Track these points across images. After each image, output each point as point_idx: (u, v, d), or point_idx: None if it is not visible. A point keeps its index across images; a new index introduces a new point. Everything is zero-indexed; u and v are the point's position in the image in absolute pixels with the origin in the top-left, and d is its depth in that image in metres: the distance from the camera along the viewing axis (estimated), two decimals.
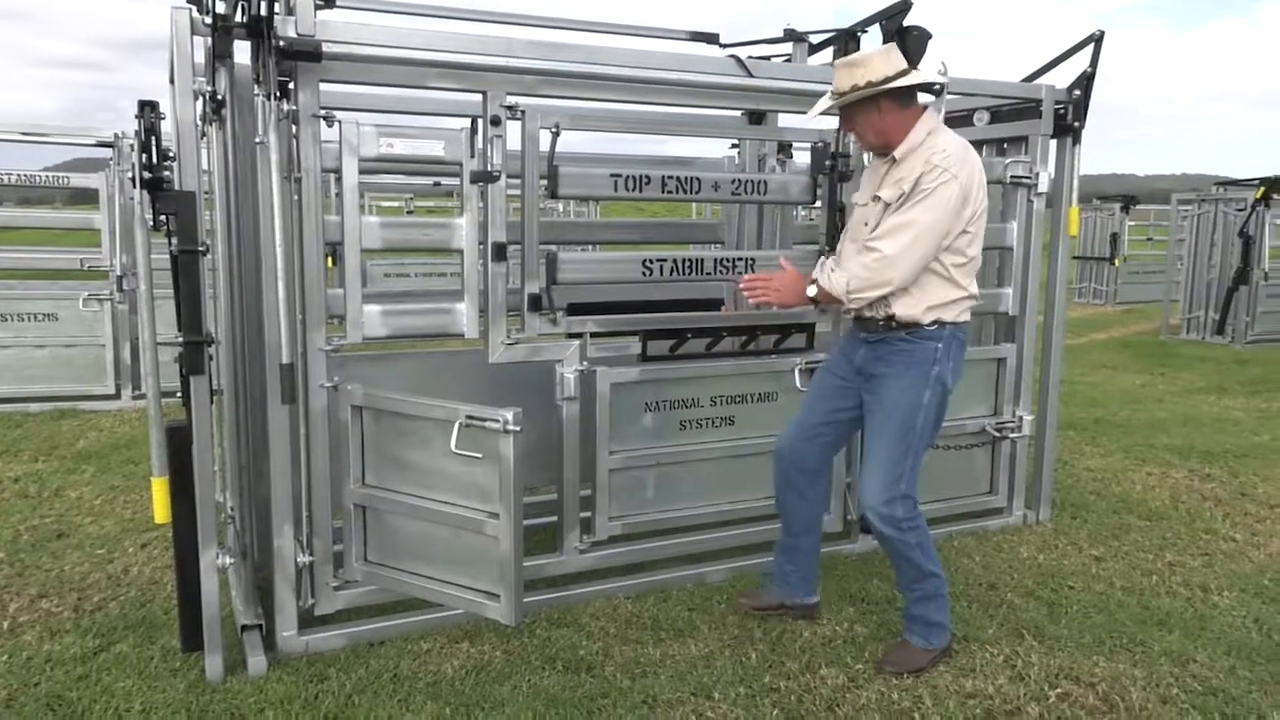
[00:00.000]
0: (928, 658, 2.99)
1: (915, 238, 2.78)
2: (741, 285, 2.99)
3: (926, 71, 2.90)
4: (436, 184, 9.21)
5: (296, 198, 2.88)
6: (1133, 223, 15.89)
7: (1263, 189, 10.07)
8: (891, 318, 2.89)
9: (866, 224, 2.94)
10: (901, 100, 2.84)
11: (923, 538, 2.99)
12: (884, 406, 2.94)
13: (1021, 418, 4.22)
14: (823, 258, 3.26)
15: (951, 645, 3.09)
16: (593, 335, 3.46)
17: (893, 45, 2.91)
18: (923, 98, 3.84)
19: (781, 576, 3.32)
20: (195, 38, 2.70)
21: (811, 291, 2.93)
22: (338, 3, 2.95)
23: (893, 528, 2.92)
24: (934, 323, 2.90)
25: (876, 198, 2.88)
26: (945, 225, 2.79)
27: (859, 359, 3.03)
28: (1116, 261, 13.67)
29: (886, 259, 2.79)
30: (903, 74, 2.81)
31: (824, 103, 2.91)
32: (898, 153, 2.86)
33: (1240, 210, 10.48)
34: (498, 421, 2.77)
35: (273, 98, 2.66)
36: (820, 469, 3.21)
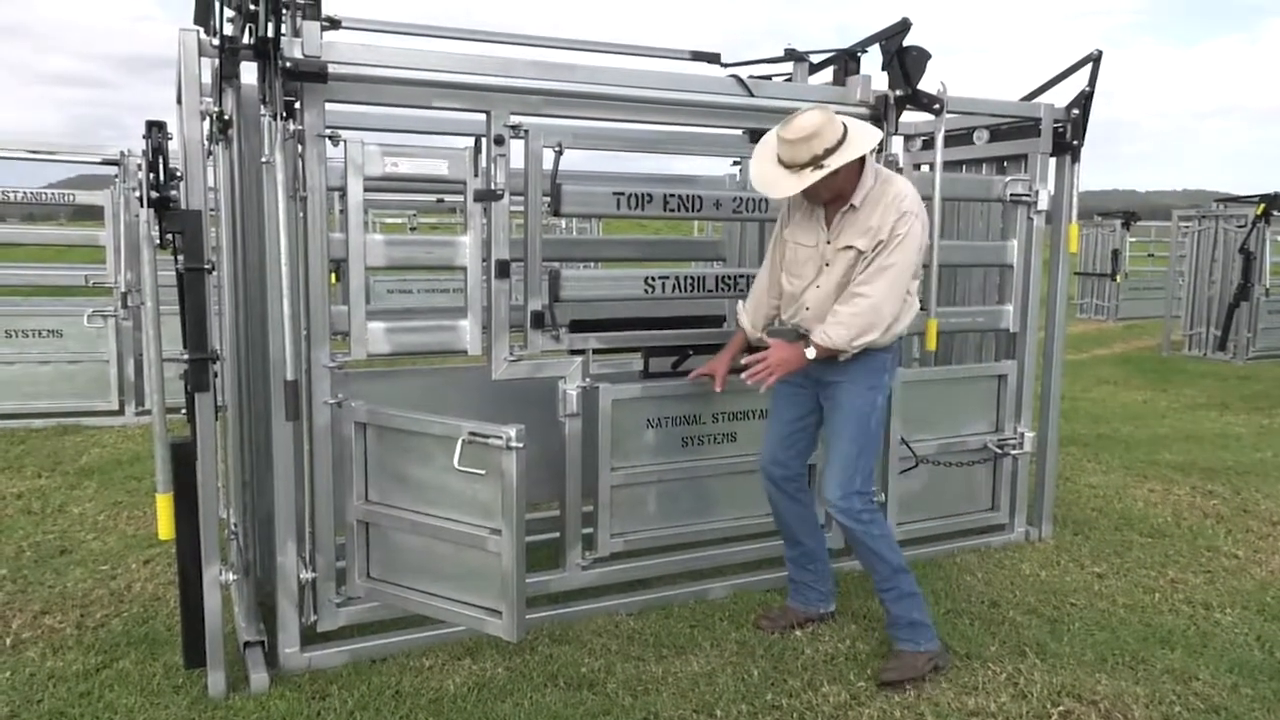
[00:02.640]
0: (923, 660, 3.05)
1: (896, 278, 2.98)
2: (746, 378, 3.06)
3: (869, 131, 3.02)
4: (440, 201, 9.23)
5: (301, 216, 2.90)
6: (1134, 239, 15.92)
7: (1263, 205, 10.09)
8: None
9: (826, 265, 3.07)
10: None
11: (884, 530, 3.16)
12: (842, 410, 3.13)
13: (1023, 434, 4.23)
14: (741, 304, 3.43)
15: (947, 655, 3.12)
16: (595, 352, 3.48)
17: (827, 105, 3.05)
18: (921, 117, 3.88)
19: (799, 590, 3.44)
20: (202, 59, 2.73)
21: (811, 354, 3.02)
22: (343, 24, 2.98)
23: (852, 520, 3.08)
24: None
25: (849, 247, 3.01)
26: (917, 261, 3.04)
27: (814, 370, 3.16)
28: (1118, 278, 13.69)
29: (876, 303, 2.96)
30: (846, 134, 2.92)
31: (794, 182, 2.92)
32: (856, 200, 3.01)
33: (1241, 227, 10.50)
34: (500, 438, 2.78)
35: (279, 118, 2.69)
36: (803, 471, 3.38)
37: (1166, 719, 2.82)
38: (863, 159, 3.00)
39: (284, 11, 2.67)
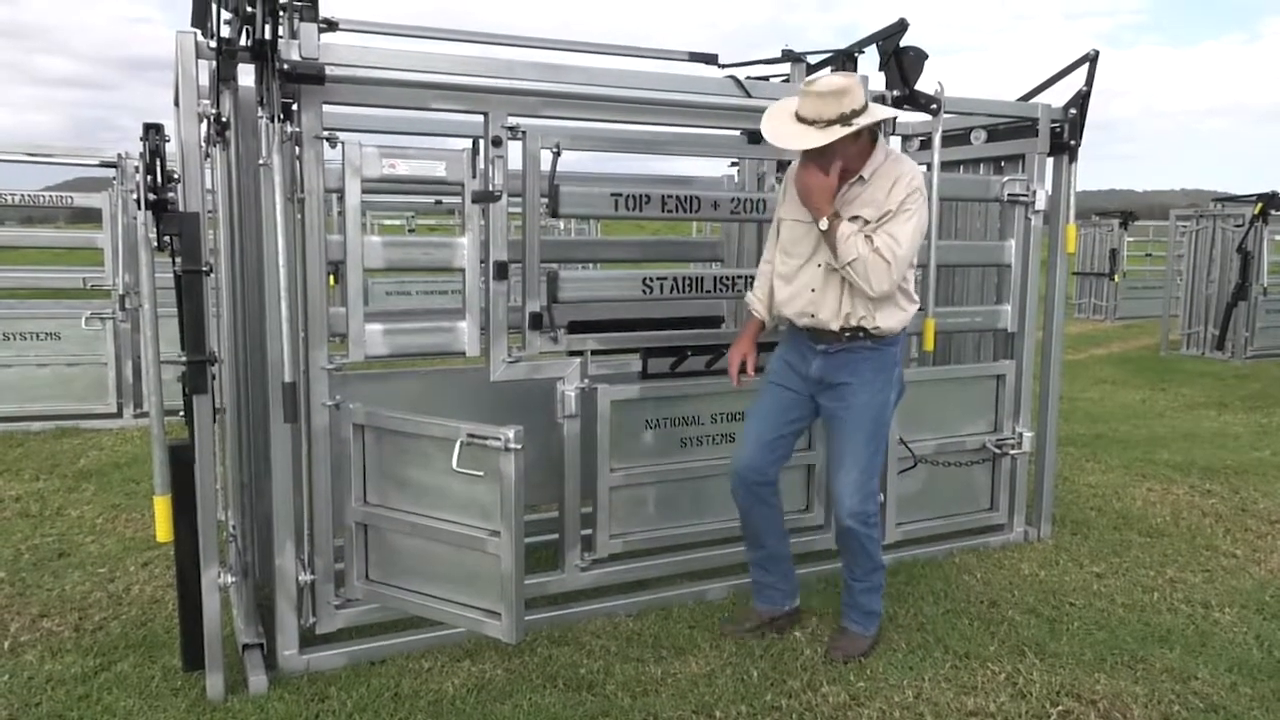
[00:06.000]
0: (867, 644, 3.18)
1: (904, 252, 2.92)
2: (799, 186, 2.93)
3: (886, 107, 3.03)
4: (438, 202, 9.25)
5: (299, 218, 2.90)
6: (1131, 238, 15.93)
7: (1260, 205, 10.10)
8: (859, 329, 3.01)
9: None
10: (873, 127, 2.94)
11: (880, 530, 3.22)
12: (855, 411, 3.07)
13: (1021, 434, 4.23)
14: (750, 294, 3.36)
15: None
16: (593, 353, 3.48)
17: (855, 73, 3.05)
18: (919, 118, 3.88)
19: (761, 591, 3.38)
20: (200, 61, 2.74)
21: (824, 226, 2.90)
22: (341, 26, 2.98)
23: (863, 524, 3.08)
24: (893, 332, 3.06)
25: (856, 218, 2.94)
26: (918, 245, 3.01)
27: (815, 370, 3.11)
28: (1116, 277, 13.70)
29: (892, 266, 2.89)
30: (867, 103, 2.89)
31: (819, 135, 2.84)
32: (865, 173, 2.97)
33: (1238, 226, 10.50)
34: (499, 439, 2.78)
35: (276, 120, 2.69)
36: (777, 478, 3.28)
37: (1165, 718, 2.82)
38: (875, 136, 2.99)
39: (281, 14, 2.67)
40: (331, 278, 3.06)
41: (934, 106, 3.64)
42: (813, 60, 3.87)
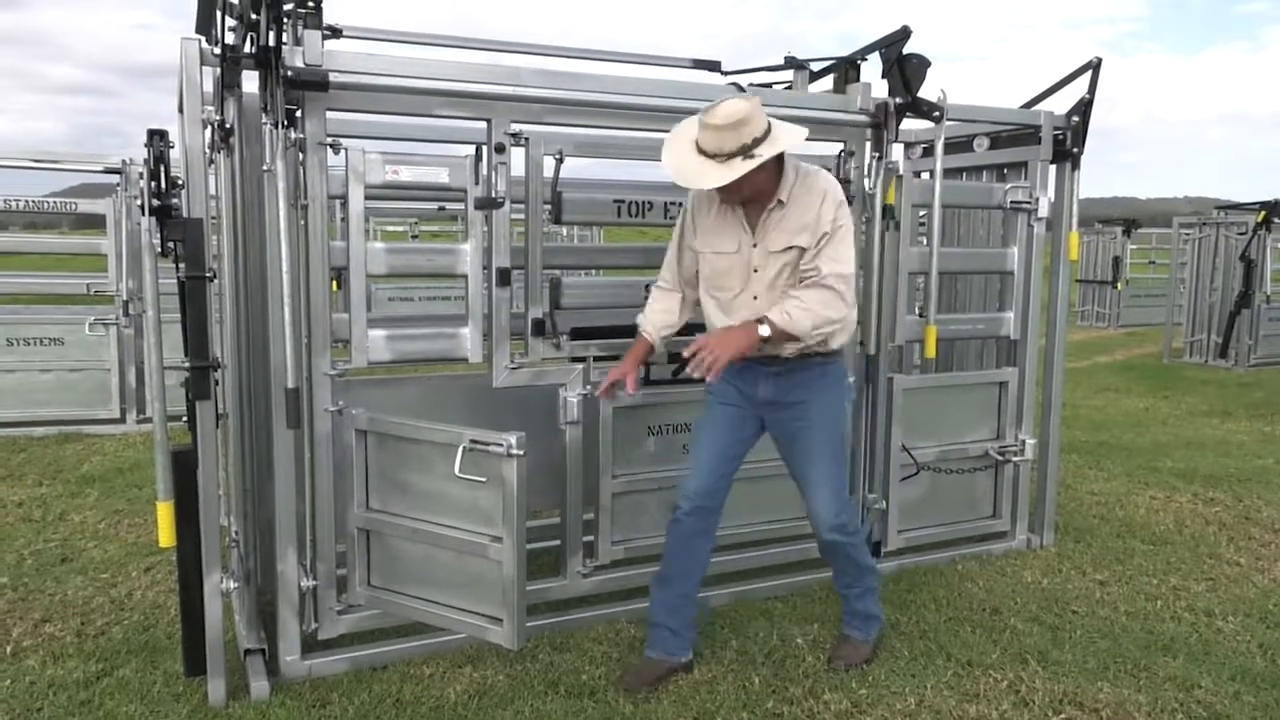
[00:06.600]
0: (869, 649, 3.17)
1: (848, 270, 2.87)
2: (691, 370, 2.73)
3: (792, 126, 2.83)
4: (441, 208, 9.26)
5: (303, 224, 2.91)
6: (1134, 246, 15.93)
7: (1263, 213, 10.10)
8: (810, 351, 2.93)
9: (755, 270, 2.89)
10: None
11: (862, 536, 3.20)
12: (816, 428, 3.00)
13: (1024, 441, 4.22)
14: (642, 316, 3.17)
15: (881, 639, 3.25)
16: (596, 359, 3.48)
17: (752, 94, 3.01)
18: (922, 125, 3.88)
19: (662, 639, 3.08)
20: (204, 68, 2.75)
21: (764, 332, 2.75)
22: (344, 33, 2.99)
23: (844, 535, 3.05)
24: (843, 345, 3.06)
25: (790, 248, 2.84)
26: (855, 255, 2.94)
27: (765, 392, 2.99)
28: (1119, 285, 13.69)
29: (842, 291, 2.83)
30: (770, 126, 2.76)
31: (725, 172, 2.69)
32: (783, 195, 2.85)
33: (1241, 234, 10.50)
34: (501, 445, 2.78)
35: (280, 126, 2.70)
36: (723, 505, 3.10)
37: None
38: (782, 155, 2.84)
39: (285, 20, 2.69)
40: (334, 283, 3.07)
41: (937, 114, 3.65)
42: (815, 67, 3.88)
